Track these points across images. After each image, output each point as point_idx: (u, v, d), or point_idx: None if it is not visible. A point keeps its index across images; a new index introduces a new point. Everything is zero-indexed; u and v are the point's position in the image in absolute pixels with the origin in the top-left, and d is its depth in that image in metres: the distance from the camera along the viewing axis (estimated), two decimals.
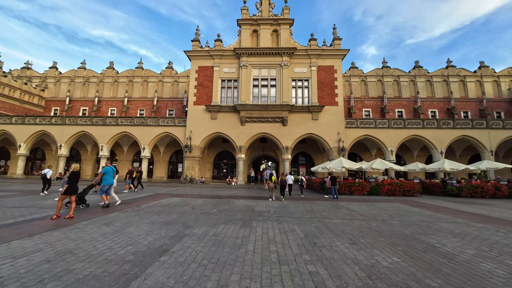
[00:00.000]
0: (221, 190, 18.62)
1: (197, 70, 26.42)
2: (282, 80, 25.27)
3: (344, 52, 25.61)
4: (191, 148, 25.12)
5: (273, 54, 25.53)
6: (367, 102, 34.66)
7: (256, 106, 24.61)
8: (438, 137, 24.74)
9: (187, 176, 24.80)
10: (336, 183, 14.73)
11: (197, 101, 25.97)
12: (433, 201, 14.42)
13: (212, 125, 25.49)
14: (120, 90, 36.14)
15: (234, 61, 26.23)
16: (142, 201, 11.73)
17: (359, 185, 16.24)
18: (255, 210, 9.81)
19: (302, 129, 24.99)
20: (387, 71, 35.29)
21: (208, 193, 15.90)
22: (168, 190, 17.25)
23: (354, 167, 17.00)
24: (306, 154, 30.37)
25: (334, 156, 24.39)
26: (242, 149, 24.98)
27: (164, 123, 26.24)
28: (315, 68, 25.66)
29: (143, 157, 26.09)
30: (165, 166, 30.16)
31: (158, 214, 8.50)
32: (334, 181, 14.75)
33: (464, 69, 34.95)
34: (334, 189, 14.52)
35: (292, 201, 13.10)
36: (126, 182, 15.72)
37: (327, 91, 25.46)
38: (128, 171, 16.25)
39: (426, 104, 34.30)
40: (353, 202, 12.98)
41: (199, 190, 17.76)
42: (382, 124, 25.20)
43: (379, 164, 17.58)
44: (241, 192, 17.16)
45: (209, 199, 12.94)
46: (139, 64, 36.99)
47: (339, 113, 25.17)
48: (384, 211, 10.26)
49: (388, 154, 24.76)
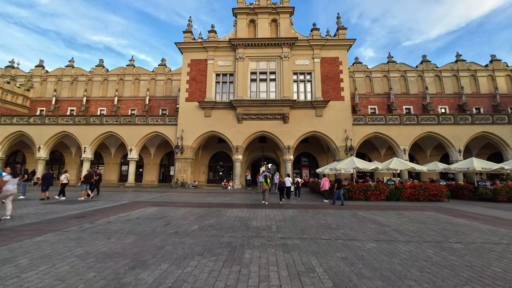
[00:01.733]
0: (214, 196, 15.86)
1: (189, 63, 23.85)
2: (282, 73, 22.69)
3: (350, 42, 23.08)
4: (183, 149, 22.41)
5: (272, 45, 22.99)
6: (373, 99, 32.04)
7: (254, 102, 21.97)
8: (455, 134, 22.07)
9: (178, 180, 22.04)
10: (341, 186, 12.39)
11: (190, 97, 23.34)
12: (470, 207, 11.69)
13: (206, 123, 22.82)
14: (110, 89, 33.50)
15: (230, 53, 23.67)
16: (105, 213, 8.97)
17: (376, 188, 13.51)
18: (251, 226, 7.08)
19: (305, 127, 22.32)
20: (393, 66, 32.76)
21: (197, 200, 13.14)
22: (151, 197, 14.49)
23: (369, 167, 14.30)
24: (309, 154, 27.65)
25: (341, 156, 21.69)
26: (239, 149, 22.28)
27: (154, 121, 23.56)
28: (318, 60, 23.10)
29: (130, 159, 23.35)
30: (156, 169, 27.39)
31: (109, 236, 5.76)
32: (339, 184, 12.26)
33: (475, 63, 32.43)
34: (338, 193, 12.11)
35: (297, 210, 10.35)
36: (82, 188, 12.91)
37: (331, 85, 22.86)
38: (86, 175, 13.42)
39: (436, 101, 31.69)
40: (374, 211, 10.24)
41: (188, 197, 15.00)
42: (393, 120, 22.55)
43: (398, 164, 14.89)
44: (237, 198, 14.40)
45: (195, 209, 10.19)
46: (130, 62, 34.43)
47: (346, 108, 22.54)
48: (423, 225, 7.53)
49: (401, 153, 22.05)
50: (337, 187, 12.25)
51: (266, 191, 12.37)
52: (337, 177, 13.82)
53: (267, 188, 12.47)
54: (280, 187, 13.23)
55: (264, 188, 12.38)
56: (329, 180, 14.29)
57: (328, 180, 13.94)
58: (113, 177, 27.26)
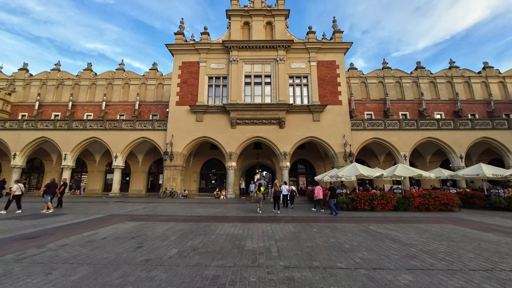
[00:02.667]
0: (204, 206, 14.23)
1: (180, 66, 22.54)
2: (277, 76, 21.60)
3: (347, 45, 22.31)
4: (172, 155, 20.77)
5: (267, 48, 21.98)
6: (369, 105, 31.31)
7: (248, 106, 20.70)
8: (455, 140, 21.23)
9: (166, 189, 20.26)
10: (335, 195, 11.92)
11: (180, 101, 21.90)
12: (489, 218, 10.46)
13: (198, 128, 21.33)
14: (98, 94, 31.76)
15: (223, 56, 22.53)
16: (67, 231, 7.31)
17: (383, 198, 12.18)
18: (246, 249, 5.58)
19: (302, 132, 21.10)
20: (388, 72, 32.30)
21: (184, 213, 11.51)
22: (133, 209, 12.76)
23: (374, 174, 13.02)
24: (306, 161, 26.35)
25: (340, 162, 20.46)
26: (233, 156, 20.79)
27: (141, 126, 21.91)
28: (314, 64, 22.17)
29: (116, 167, 21.49)
30: (144, 178, 25.48)
31: (51, 270, 4.18)
32: (333, 192, 11.67)
33: (468, 70, 32.30)
34: (332, 202, 11.40)
35: (299, 223, 8.87)
36: (45, 200, 11.12)
37: (329, 89, 21.87)
38: (48, 184, 11.65)
39: (431, 107, 31.20)
40: (386, 224, 8.86)
41: (175, 208, 13.33)
42: (392, 125, 21.59)
43: (403, 170, 13.68)
44: (229, 210, 12.82)
45: (180, 224, 8.60)
46: (120, 66, 32.95)
47: (344, 113, 21.50)
48: (453, 243, 6.19)
49: (401, 159, 20.99)
50: (330, 196, 11.54)
51: (260, 200, 12.03)
52: (331, 185, 12.75)
53: (261, 197, 12.08)
54: (275, 196, 12.62)
55: (258, 197, 12.05)
56: (323, 189, 13.38)
57: (321, 189, 12.98)
58: (97, 186, 25.21)
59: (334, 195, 11.61)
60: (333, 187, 11.94)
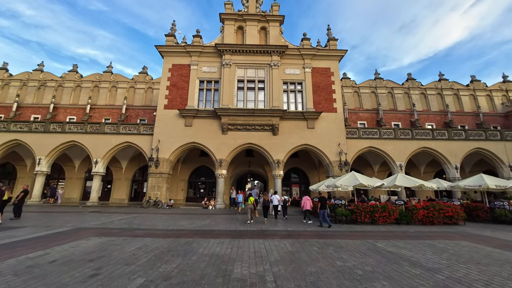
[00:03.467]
0: (189, 218, 12.77)
1: (170, 68, 21.42)
2: (271, 82, 20.81)
3: (342, 53, 21.94)
4: (158, 162, 19.25)
5: (261, 53, 21.28)
6: (362, 115, 30.99)
7: (241, 111, 19.66)
8: (450, 150, 20.83)
9: (150, 198, 18.59)
10: (326, 206, 11.02)
11: (169, 105, 20.63)
12: (501, 233, 9.57)
13: (187, 133, 20.01)
14: (83, 97, 30.02)
15: (216, 59, 21.62)
16: (13, 250, 5.80)
17: (385, 210, 11.15)
18: (234, 277, 4.32)
19: (296, 140, 20.15)
20: (380, 82, 32.34)
21: (165, 226, 10.06)
22: (107, 221, 11.18)
23: (374, 184, 12.03)
24: (299, 170, 25.30)
25: (335, 172, 19.52)
26: (223, 163, 19.49)
27: (126, 130, 20.37)
28: (309, 70, 21.58)
29: (95, 173, 19.69)
30: (127, 186, 23.60)
31: None
32: (324, 203, 10.93)
33: (457, 83, 32.78)
34: (323, 214, 10.68)
35: (296, 240, 7.65)
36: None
37: (323, 96, 21.22)
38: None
39: (423, 117, 31.20)
40: (394, 241, 7.78)
41: (157, 220, 11.82)
42: (387, 134, 21.02)
43: (403, 180, 12.82)
44: (217, 222, 11.43)
45: (157, 241, 7.21)
46: (108, 68, 31.51)
47: (339, 120, 20.79)
48: (484, 268, 5.14)
49: (397, 169, 20.30)
50: (320, 207, 10.82)
51: (251, 211, 11.49)
52: (320, 195, 12.04)
53: (251, 207, 11.55)
54: (264, 205, 12.35)
55: (248, 207, 11.53)
56: (311, 199, 12.90)
57: (309, 199, 12.43)
58: (75, 194, 23.12)
59: (324, 206, 10.85)
60: (323, 198, 11.17)
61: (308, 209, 11.98)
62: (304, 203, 12.07)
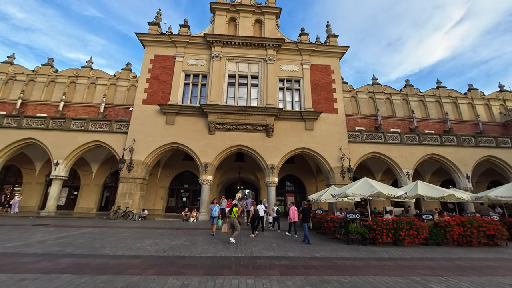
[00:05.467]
0: (158, 236, 9.68)
1: (152, 59, 18.68)
2: (266, 78, 18.38)
3: (343, 50, 19.92)
4: (132, 164, 16.10)
5: (255, 46, 18.95)
6: (360, 120, 28.96)
7: (231, 108, 16.98)
8: (460, 157, 18.75)
9: (119, 208, 15.27)
10: (309, 219, 9.76)
11: (149, 99, 17.74)
12: None
13: (168, 132, 17.06)
14: (57, 93, 26.64)
15: (204, 51, 19.09)
16: None
17: (411, 227, 8.48)
18: None
19: (292, 142, 17.55)
20: (378, 88, 30.67)
21: (114, 250, 6.99)
22: (39, 240, 7.97)
23: (396, 193, 9.35)
24: (295, 178, 22.54)
25: (336, 179, 16.93)
26: (209, 168, 16.55)
27: (96, 127, 17.21)
28: (307, 67, 19.35)
29: (55, 177, 16.24)
30: (97, 193, 20.05)
31: None
32: (306, 215, 9.52)
33: (455, 91, 31.57)
34: (305, 228, 9.13)
35: (305, 278, 4.80)
36: None
37: (323, 95, 18.92)
38: None
39: (422, 125, 29.49)
40: (452, 277, 5.05)
41: (110, 239, 8.69)
42: (392, 138, 18.79)
43: (426, 189, 10.31)
44: (192, 243, 8.40)
45: (75, 283, 4.17)
46: (87, 63, 28.47)
47: (340, 122, 18.43)
48: None
49: (404, 178, 17.94)
50: (303, 220, 9.39)
51: (234, 226, 8.68)
52: (304, 206, 10.15)
53: (235, 223, 8.73)
54: (253, 217, 10.90)
55: (230, 221, 8.77)
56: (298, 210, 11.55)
57: (297, 210, 11.44)
58: (32, 202, 19.36)
59: (307, 218, 9.47)
60: (306, 209, 9.70)
61: (296, 221, 10.97)
62: (292, 214, 11.06)
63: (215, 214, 10.54)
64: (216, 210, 10.67)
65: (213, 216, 10.59)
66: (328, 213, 11.45)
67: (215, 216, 10.55)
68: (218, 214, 10.50)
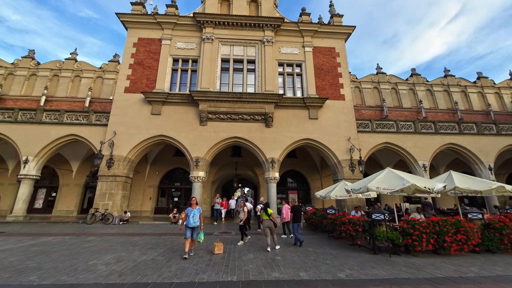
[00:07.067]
0: (129, 247, 7.52)
1: (136, 43, 16.46)
2: (264, 62, 16.20)
3: (349, 30, 17.74)
4: (113, 160, 13.90)
5: (251, 26, 16.76)
6: (364, 112, 26.81)
7: (224, 95, 14.79)
8: (481, 147, 16.67)
9: (97, 210, 13.08)
10: (300, 218, 8.40)
11: (132, 87, 15.52)
12: None
13: (153, 124, 14.85)
14: (38, 87, 24.35)
15: (194, 34, 16.89)
16: None
17: (458, 230, 6.33)
18: None
19: (295, 133, 15.38)
20: (383, 77, 28.55)
21: (46, 275, 4.79)
22: None
23: (436, 186, 6.82)
24: (297, 173, 20.35)
25: (345, 173, 14.80)
26: (201, 163, 14.37)
27: (71, 119, 15.00)
28: (310, 50, 17.19)
29: (24, 176, 14.01)
30: (78, 194, 17.81)
31: None
32: (297, 214, 8.32)
33: (464, 79, 29.48)
34: (295, 228, 8.08)
35: None
36: None
37: (328, 80, 16.77)
38: None
39: (430, 116, 27.36)
40: None
41: (68, 251, 6.52)
42: (406, 127, 16.68)
43: (466, 181, 8.17)
44: (168, 257, 6.23)
45: None
46: (71, 55, 26.16)
47: (348, 110, 16.28)
48: None
49: (420, 170, 15.85)
50: (293, 219, 8.30)
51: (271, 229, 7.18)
52: (293, 204, 9.10)
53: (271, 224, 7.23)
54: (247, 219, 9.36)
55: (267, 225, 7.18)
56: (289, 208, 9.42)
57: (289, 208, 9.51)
58: (5, 205, 17.11)
59: (298, 218, 8.27)
60: (297, 207, 8.54)
61: (289, 221, 9.35)
62: (286, 213, 9.33)
63: (193, 223, 6.13)
64: (194, 216, 6.22)
65: (189, 225, 6.14)
66: (344, 213, 9.28)
67: (193, 226, 6.17)
68: (200, 223, 6.27)
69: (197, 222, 6.20)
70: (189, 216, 6.23)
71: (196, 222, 6.18)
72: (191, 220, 6.16)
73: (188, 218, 6.22)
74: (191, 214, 6.23)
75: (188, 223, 6.17)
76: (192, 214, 6.24)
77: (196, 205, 6.50)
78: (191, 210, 6.33)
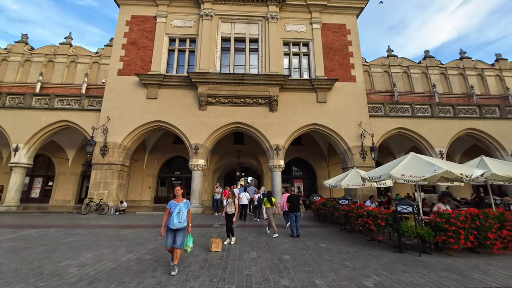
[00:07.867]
0: (116, 242, 6.63)
1: (128, 21, 15.09)
2: (267, 41, 14.74)
3: (361, 4, 16.01)
4: (107, 148, 12.96)
5: (254, 1, 15.16)
6: (374, 97, 25.11)
7: (225, 77, 13.51)
8: (503, 132, 15.24)
9: (91, 200, 12.29)
10: (298, 208, 7.55)
11: (125, 70, 14.32)
12: None
13: (149, 108, 13.76)
14: (33, 73, 23.23)
15: (192, 10, 15.39)
16: None
17: (503, 224, 5.21)
18: None
19: (301, 118, 14.15)
20: (394, 60, 26.60)
21: (9, 277, 3.83)
22: None
23: (474, 173, 5.84)
24: (303, 161, 19.25)
25: (355, 161, 13.64)
26: (201, 150, 13.34)
27: (62, 104, 14.00)
28: (318, 27, 15.61)
29: (15, 165, 13.22)
30: (75, 183, 17.11)
31: None
32: (295, 204, 7.52)
33: (481, 62, 27.41)
34: (293, 219, 7.39)
35: None
36: None
37: (338, 60, 15.29)
38: None
39: (444, 101, 25.59)
40: None
41: (44, 247, 5.62)
42: (422, 111, 15.28)
43: (503, 167, 6.96)
44: (158, 257, 5.28)
45: None
46: (66, 39, 24.81)
47: (359, 93, 14.90)
48: None
49: (437, 157, 14.57)
50: (290, 209, 7.55)
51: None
52: (291, 193, 8.02)
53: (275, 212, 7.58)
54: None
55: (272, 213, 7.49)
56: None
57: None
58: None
59: (295, 207, 7.54)
60: (295, 196, 7.73)
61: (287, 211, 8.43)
62: (284, 203, 8.48)
63: (178, 224, 4.14)
64: (180, 214, 4.21)
65: (172, 227, 4.13)
66: (361, 204, 8.21)
67: (178, 228, 4.19)
68: (188, 222, 4.33)
69: (183, 222, 4.14)
70: (172, 214, 4.14)
71: (182, 222, 4.12)
72: (175, 220, 4.06)
73: (171, 216, 4.12)
74: (176, 211, 4.14)
75: (171, 223, 4.08)
76: (177, 210, 4.15)
77: (182, 199, 4.38)
78: (175, 204, 4.26)
